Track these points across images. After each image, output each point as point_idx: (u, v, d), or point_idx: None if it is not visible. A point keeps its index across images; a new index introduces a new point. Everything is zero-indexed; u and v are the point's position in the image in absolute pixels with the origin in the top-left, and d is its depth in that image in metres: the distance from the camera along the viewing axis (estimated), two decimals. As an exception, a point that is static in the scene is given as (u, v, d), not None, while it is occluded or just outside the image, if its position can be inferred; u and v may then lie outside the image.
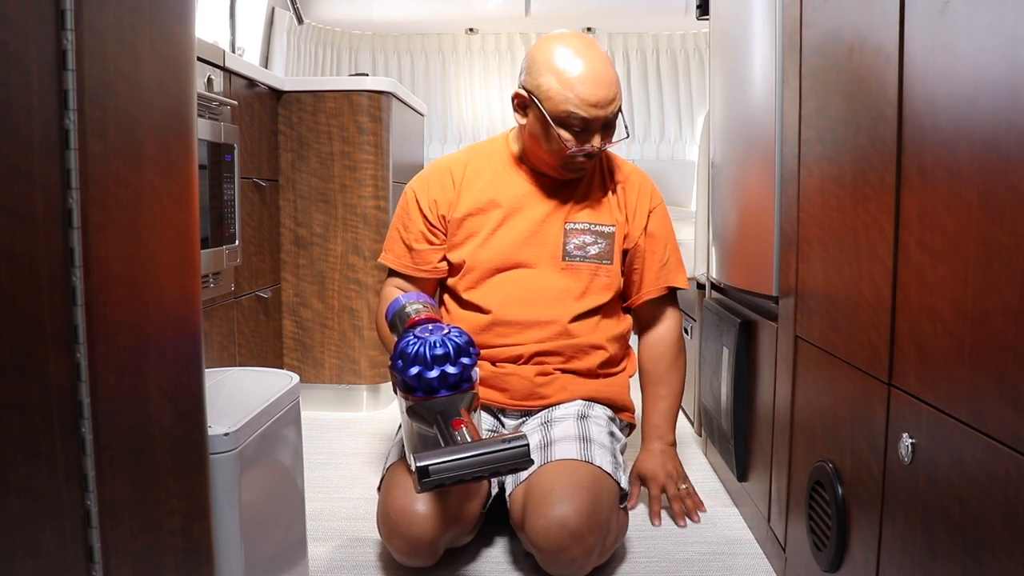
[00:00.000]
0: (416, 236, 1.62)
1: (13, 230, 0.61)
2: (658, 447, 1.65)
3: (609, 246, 1.60)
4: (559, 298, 1.57)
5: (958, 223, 0.77)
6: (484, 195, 1.60)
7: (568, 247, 1.59)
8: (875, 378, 0.96)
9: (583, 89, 1.45)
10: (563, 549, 1.28)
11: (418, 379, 1.20)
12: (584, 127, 1.48)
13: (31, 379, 0.64)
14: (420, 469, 1.09)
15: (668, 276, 1.66)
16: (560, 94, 1.46)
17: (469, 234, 1.59)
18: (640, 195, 1.65)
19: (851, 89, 1.04)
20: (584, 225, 1.60)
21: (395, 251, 1.65)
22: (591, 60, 1.47)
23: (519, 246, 1.58)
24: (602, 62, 1.48)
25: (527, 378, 1.55)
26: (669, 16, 3.80)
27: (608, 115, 1.48)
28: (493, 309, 1.56)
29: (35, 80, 0.63)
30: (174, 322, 0.82)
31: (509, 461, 1.14)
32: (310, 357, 2.45)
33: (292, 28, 3.58)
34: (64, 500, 0.67)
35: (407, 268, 1.64)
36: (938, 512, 0.81)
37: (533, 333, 1.55)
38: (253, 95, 2.14)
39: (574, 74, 1.46)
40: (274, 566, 1.13)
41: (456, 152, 1.71)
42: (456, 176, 1.62)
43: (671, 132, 4.10)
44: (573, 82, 1.46)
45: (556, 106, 1.47)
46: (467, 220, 1.60)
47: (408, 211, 1.64)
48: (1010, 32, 0.69)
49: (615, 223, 1.61)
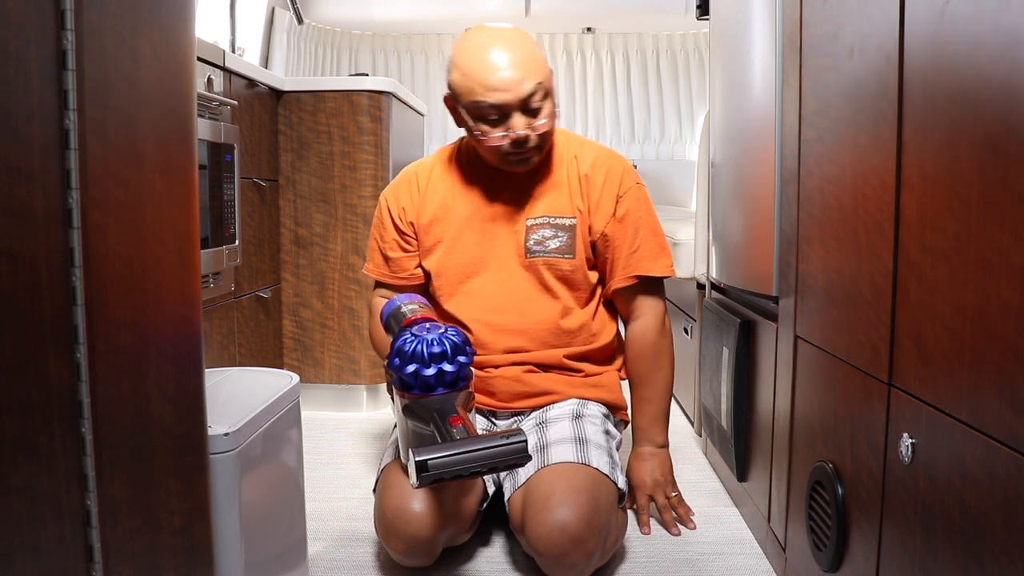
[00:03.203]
0: (391, 244, 1.62)
1: (13, 230, 0.62)
2: (648, 451, 1.62)
3: (570, 239, 1.56)
4: (530, 299, 1.56)
5: (958, 223, 0.77)
6: (447, 198, 1.59)
7: (528, 243, 1.56)
8: (875, 378, 0.96)
9: (482, 76, 1.42)
10: (564, 554, 1.28)
11: (415, 376, 1.20)
12: (499, 113, 1.44)
13: (31, 379, 0.64)
14: (419, 463, 1.09)
15: (640, 264, 1.58)
16: (464, 86, 1.44)
17: (436, 240, 1.59)
18: (607, 181, 1.57)
19: (851, 89, 1.04)
20: (543, 219, 1.56)
21: (374, 260, 1.66)
22: (493, 45, 1.44)
23: (484, 248, 1.57)
24: (507, 45, 1.44)
25: (511, 378, 1.55)
26: (669, 16, 3.80)
27: (519, 97, 1.42)
28: (469, 321, 1.56)
29: (35, 80, 0.63)
30: (174, 322, 0.82)
31: (507, 457, 1.14)
32: (310, 357, 2.45)
33: (292, 28, 3.58)
34: (64, 500, 0.67)
35: (386, 277, 1.64)
36: (938, 512, 0.81)
37: (509, 339, 1.55)
38: (253, 95, 2.14)
39: (475, 63, 1.43)
40: (274, 566, 1.13)
41: (427, 156, 1.70)
42: (421, 181, 1.62)
43: (671, 132, 4.10)
44: (472, 70, 1.43)
45: (466, 99, 1.45)
46: (433, 225, 1.59)
47: (382, 220, 1.64)
48: (1010, 32, 0.69)
49: (575, 214, 1.57)
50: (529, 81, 1.43)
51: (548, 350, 1.56)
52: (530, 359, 1.56)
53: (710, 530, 1.59)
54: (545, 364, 1.57)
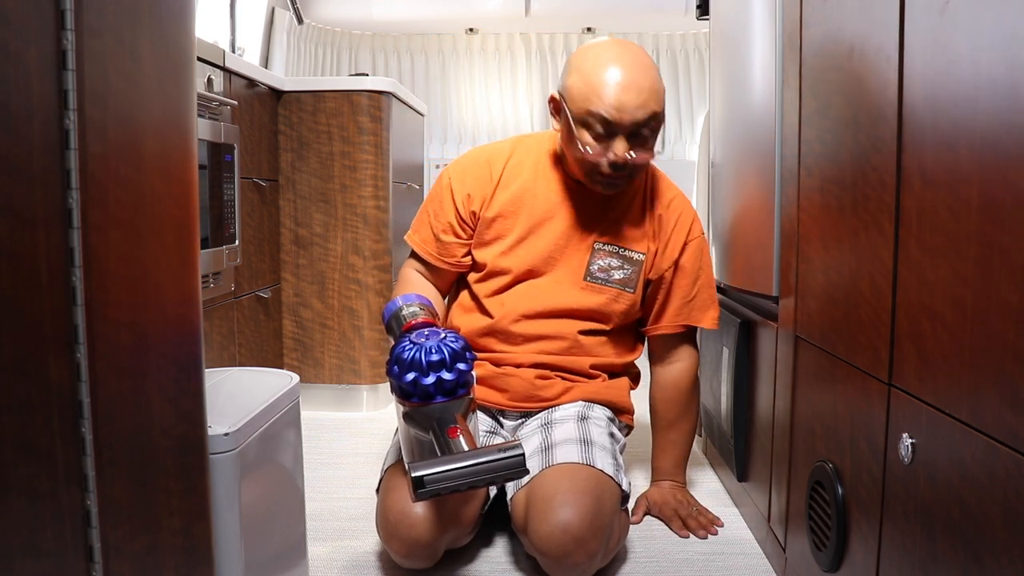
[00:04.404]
0: (444, 227, 1.58)
1: (13, 230, 0.62)
2: (668, 485, 1.67)
3: (635, 273, 1.55)
4: (571, 315, 1.55)
5: (958, 223, 0.77)
6: (519, 196, 1.56)
7: (592, 267, 1.54)
8: (875, 378, 0.96)
9: (607, 89, 1.39)
10: (567, 554, 1.28)
11: (414, 385, 1.19)
12: (607, 130, 1.41)
13: (31, 379, 0.64)
14: (416, 480, 1.10)
15: (691, 314, 1.60)
16: (582, 92, 1.41)
17: (497, 236, 1.56)
18: (679, 226, 1.58)
19: (851, 89, 1.04)
20: (613, 248, 1.55)
21: (422, 235, 1.61)
22: (623, 63, 1.41)
23: (543, 259, 1.54)
24: (638, 67, 1.41)
25: (527, 380, 1.54)
26: (669, 16, 3.80)
27: (635, 120, 1.40)
28: (501, 317, 1.54)
29: (35, 80, 0.63)
30: (174, 322, 0.82)
31: (505, 471, 1.14)
32: (310, 357, 2.45)
33: (292, 28, 3.58)
34: (64, 500, 0.67)
35: (431, 256, 1.60)
36: (938, 512, 0.81)
37: (539, 344, 1.54)
38: (253, 95, 2.14)
39: (600, 74, 1.40)
40: (274, 566, 1.13)
41: (500, 142, 1.65)
42: (495, 170, 1.57)
43: (671, 132, 4.10)
44: (597, 82, 1.40)
45: (578, 105, 1.41)
46: (497, 220, 1.56)
47: (441, 198, 1.59)
48: (1010, 32, 0.69)
49: (646, 251, 1.56)
50: (648, 109, 1.41)
51: (574, 358, 1.56)
52: (554, 362, 1.56)
53: (710, 530, 1.59)
54: (568, 369, 1.57)
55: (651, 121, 1.42)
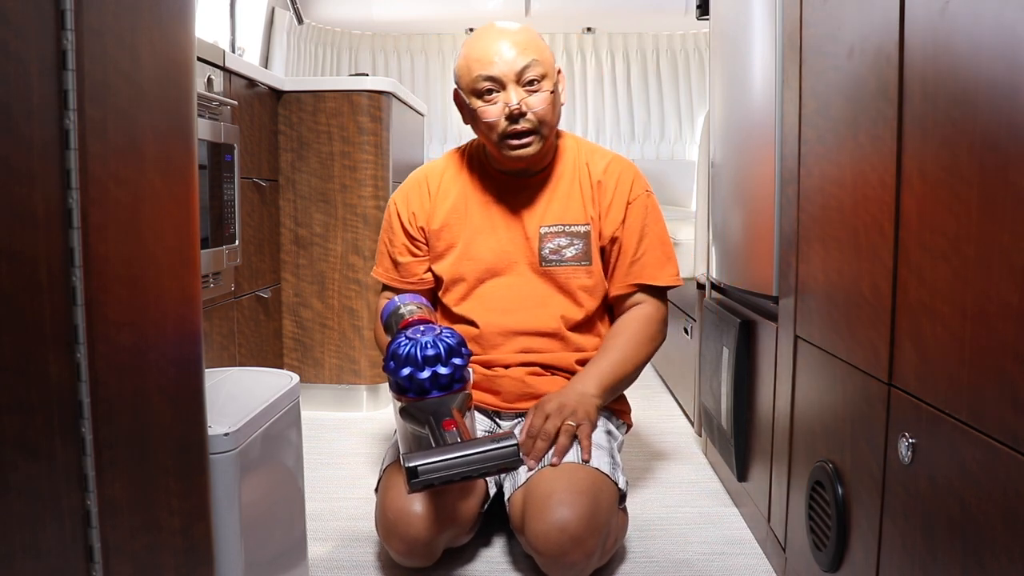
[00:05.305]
0: (400, 249, 1.62)
1: (13, 230, 0.62)
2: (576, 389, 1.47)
3: (586, 246, 1.56)
4: (542, 304, 1.55)
5: (958, 223, 0.77)
6: (459, 203, 1.59)
7: (543, 252, 1.55)
8: (875, 378, 0.96)
9: (480, 50, 1.47)
10: (564, 553, 1.28)
11: (409, 380, 1.20)
12: (494, 86, 1.46)
13: (31, 379, 0.64)
14: (409, 470, 1.10)
15: (643, 272, 1.56)
16: (465, 66, 1.49)
17: (448, 246, 1.59)
18: (619, 188, 1.57)
19: (851, 89, 1.04)
20: (558, 228, 1.56)
21: (383, 265, 1.66)
22: (493, 27, 1.50)
23: (497, 256, 1.56)
24: (509, 27, 1.49)
25: (518, 379, 1.55)
26: (669, 16, 3.80)
27: (514, 69, 1.45)
28: (480, 322, 1.55)
29: (35, 80, 0.63)
30: (174, 322, 0.82)
31: (498, 461, 1.14)
32: (310, 357, 2.45)
33: (292, 28, 3.58)
34: (64, 500, 0.67)
35: (395, 281, 1.64)
36: (938, 512, 0.81)
37: (520, 341, 1.55)
38: (253, 95, 2.14)
39: (473, 43, 1.50)
40: (274, 566, 1.13)
41: (437, 159, 1.69)
42: (432, 186, 1.61)
43: (671, 132, 4.10)
44: (472, 49, 1.49)
45: (466, 80, 1.49)
46: (444, 231, 1.59)
47: (392, 225, 1.64)
48: (1010, 32, 0.69)
49: (589, 221, 1.56)
50: (524, 56, 1.46)
51: (560, 353, 1.56)
52: (541, 360, 1.56)
53: (710, 530, 1.59)
54: (556, 366, 1.57)
55: (533, 65, 1.47)
